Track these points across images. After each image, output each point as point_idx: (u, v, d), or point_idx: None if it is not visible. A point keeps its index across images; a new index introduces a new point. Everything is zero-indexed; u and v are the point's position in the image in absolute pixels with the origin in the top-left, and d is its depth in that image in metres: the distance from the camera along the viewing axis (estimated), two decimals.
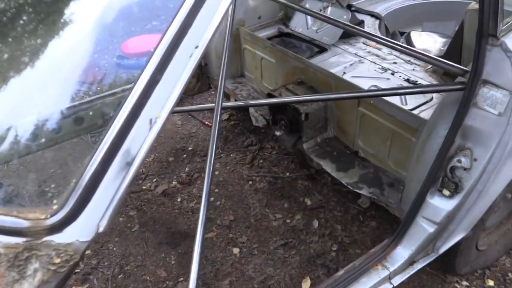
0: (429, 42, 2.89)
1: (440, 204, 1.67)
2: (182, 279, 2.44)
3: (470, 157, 1.59)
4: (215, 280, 2.42)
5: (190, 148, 3.46)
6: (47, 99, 1.42)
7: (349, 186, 2.24)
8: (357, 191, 2.21)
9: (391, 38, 3.11)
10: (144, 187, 3.09)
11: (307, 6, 2.95)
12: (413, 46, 2.86)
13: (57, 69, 1.45)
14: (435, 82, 2.34)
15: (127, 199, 2.99)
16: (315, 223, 2.71)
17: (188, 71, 0.86)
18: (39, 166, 1.96)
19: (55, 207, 0.82)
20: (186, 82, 0.87)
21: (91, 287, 2.43)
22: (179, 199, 2.97)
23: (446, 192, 1.66)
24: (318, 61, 2.64)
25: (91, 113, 2.86)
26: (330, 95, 2.11)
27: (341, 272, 1.72)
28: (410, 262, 1.78)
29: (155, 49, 0.85)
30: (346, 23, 2.23)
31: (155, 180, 3.15)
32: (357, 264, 1.75)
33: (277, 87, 2.68)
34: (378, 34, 2.90)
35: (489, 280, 2.32)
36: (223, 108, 2.88)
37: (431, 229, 1.70)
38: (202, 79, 3.30)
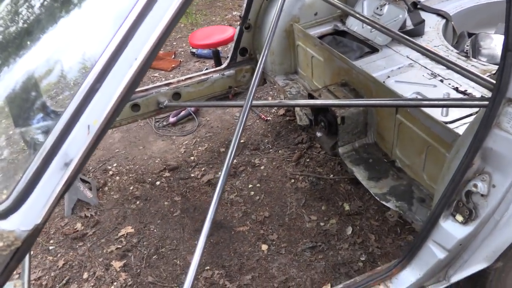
0: (499, 45, 2.60)
1: (452, 230, 1.53)
2: (208, 267, 2.53)
3: (488, 183, 1.44)
4: (238, 274, 2.48)
5: (242, 141, 3.52)
6: None
7: (376, 197, 2.14)
8: (384, 203, 2.11)
9: (458, 40, 2.86)
10: (192, 175, 3.24)
11: (365, 3, 2.83)
12: (479, 50, 2.60)
13: None
14: (488, 94, 2.12)
15: (175, 185, 3.16)
16: (349, 230, 2.63)
17: (126, 82, 0.91)
18: None
19: (3, 196, 0.93)
20: (126, 92, 0.91)
21: (127, 263, 2.63)
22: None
23: (459, 217, 1.51)
24: (365, 62, 2.52)
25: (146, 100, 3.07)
26: (358, 101, 2.02)
27: (339, 287, 1.67)
28: (417, 286, 1.66)
29: (97, 59, 0.91)
30: (391, 29, 2.10)
31: (203, 169, 3.28)
32: (358, 280, 1.68)
33: (321, 87, 2.62)
34: (440, 35, 2.69)
35: None
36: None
37: (441, 255, 1.57)
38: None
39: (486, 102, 1.46)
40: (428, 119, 1.95)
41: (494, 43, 2.62)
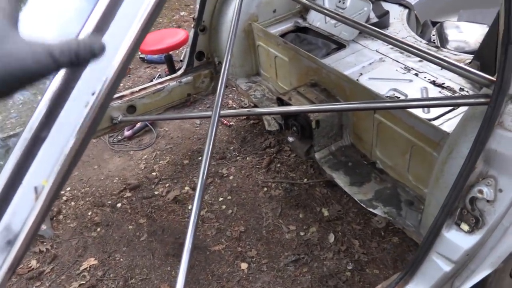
0: (467, 34, 2.54)
1: (457, 240, 1.41)
2: None
3: (494, 187, 1.32)
4: None
5: None
6: None
7: (362, 204, 2.00)
8: (371, 210, 1.97)
9: (422, 30, 2.78)
10: (156, 193, 2.99)
11: None
12: (447, 39, 2.53)
13: None
14: (465, 86, 2.03)
15: (138, 205, 2.89)
16: (331, 237, 2.49)
17: (84, 124, 0.68)
18: None
19: None
20: (84, 138, 0.69)
21: None
22: (190, 207, 2.83)
23: (464, 226, 1.39)
24: (334, 60, 2.38)
25: None
26: (337, 105, 1.87)
27: None
28: None
29: (40, 98, 0.68)
30: (359, 22, 1.95)
31: (167, 185, 3.04)
32: None
33: (289, 89, 2.45)
34: (405, 26, 2.59)
35: None
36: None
37: (447, 268, 1.45)
38: (216, 78, 3.12)
39: (483, 100, 1.34)
40: (411, 117, 1.83)
41: (460, 31, 2.56)
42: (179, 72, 3.01)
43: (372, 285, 2.20)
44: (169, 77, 3.00)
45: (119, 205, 2.93)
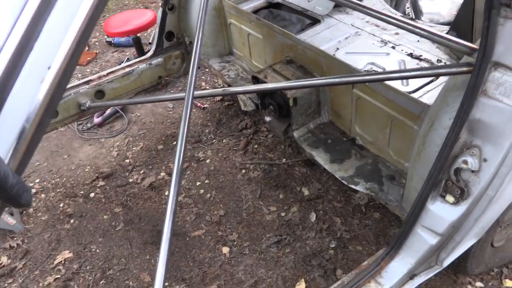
0: (440, 5, 2.51)
1: (442, 213, 1.39)
2: (167, 284, 2.25)
3: (478, 157, 1.30)
4: (202, 285, 2.23)
5: None
6: None
7: (343, 181, 1.97)
8: (353, 187, 1.94)
9: (396, 3, 2.74)
10: (130, 180, 2.89)
11: None
12: (421, 11, 2.50)
13: None
14: (443, 57, 2.00)
15: (112, 194, 2.79)
16: (313, 216, 2.46)
17: (41, 103, 0.60)
18: None
19: None
20: (43, 121, 0.60)
21: None
22: (166, 193, 2.75)
23: (450, 198, 1.37)
24: (309, 35, 2.31)
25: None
26: (314, 81, 1.81)
27: None
28: (410, 276, 1.52)
29: None
30: None
31: (142, 171, 2.94)
32: (346, 282, 1.50)
33: (264, 67, 2.38)
34: (380, 0, 2.54)
35: (507, 280, 2.05)
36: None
37: (433, 240, 1.43)
38: (188, 59, 3.01)
39: (465, 69, 1.31)
40: (390, 91, 1.79)
41: (434, 3, 2.53)
42: (149, 54, 2.88)
43: (356, 262, 2.19)
44: (138, 59, 2.87)
45: (92, 195, 2.81)
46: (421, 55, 2.02)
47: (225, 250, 2.37)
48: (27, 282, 2.35)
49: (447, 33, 2.09)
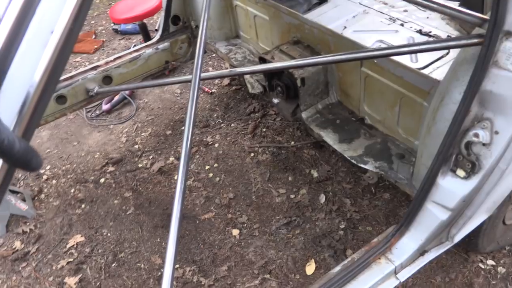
0: None
1: (453, 187, 1.37)
2: (177, 266, 2.27)
3: (490, 130, 1.27)
4: (212, 266, 2.24)
5: None
6: None
7: (352, 161, 1.96)
8: (362, 166, 1.93)
9: None
10: (140, 165, 2.90)
11: None
12: None
13: None
14: (453, 33, 1.96)
15: (122, 179, 2.81)
16: (322, 198, 2.45)
17: (45, 68, 0.59)
18: None
19: None
20: (47, 86, 0.60)
21: (84, 277, 2.30)
22: (176, 177, 2.75)
23: (460, 172, 1.35)
24: (316, 15, 2.28)
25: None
26: (322, 58, 1.79)
27: (337, 269, 1.48)
28: (420, 252, 1.51)
29: None
30: None
31: (151, 156, 2.95)
32: (356, 258, 1.50)
33: (271, 48, 2.35)
34: None
35: None
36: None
37: (443, 216, 1.42)
38: (194, 43, 3.00)
39: (476, 40, 1.28)
40: (399, 67, 1.76)
41: None
42: (155, 39, 2.87)
43: (366, 242, 2.19)
44: (144, 44, 2.87)
45: (102, 180, 2.84)
46: (430, 32, 1.98)
47: (235, 232, 2.38)
48: (41, 266, 2.39)
49: None
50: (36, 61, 0.58)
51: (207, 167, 2.79)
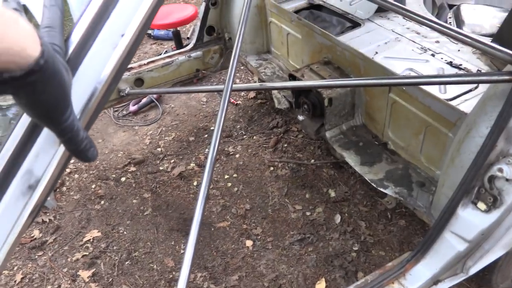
0: (483, 17, 2.49)
1: (473, 219, 1.38)
2: None
3: None
4: (223, 274, 2.27)
5: (212, 128, 3.27)
6: None
7: (373, 184, 1.98)
8: (382, 190, 1.95)
9: (438, 12, 2.73)
10: (161, 168, 2.96)
11: None
12: (463, 21, 2.48)
13: None
14: (483, 68, 1.99)
15: (143, 180, 2.87)
16: (337, 218, 2.47)
17: (112, 68, 0.65)
18: None
19: None
20: (110, 82, 0.66)
21: (97, 272, 2.35)
22: (195, 183, 2.81)
23: (481, 205, 1.37)
24: (349, 38, 2.33)
25: None
26: (352, 81, 1.83)
27: None
28: (434, 281, 1.52)
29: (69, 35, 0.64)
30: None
31: (173, 160, 3.01)
32: (369, 280, 1.51)
33: (301, 66, 2.41)
34: (422, 6, 2.54)
35: None
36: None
37: (461, 247, 1.43)
38: (226, 54, 3.07)
39: (507, 77, 1.31)
40: (428, 97, 1.79)
41: (477, 14, 2.51)
42: (189, 47, 2.96)
43: (378, 266, 2.19)
44: (178, 51, 2.95)
45: (123, 179, 2.90)
46: (461, 64, 2.01)
47: (249, 243, 2.41)
48: (56, 256, 2.45)
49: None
50: (105, 60, 0.64)
51: (226, 176, 2.83)
